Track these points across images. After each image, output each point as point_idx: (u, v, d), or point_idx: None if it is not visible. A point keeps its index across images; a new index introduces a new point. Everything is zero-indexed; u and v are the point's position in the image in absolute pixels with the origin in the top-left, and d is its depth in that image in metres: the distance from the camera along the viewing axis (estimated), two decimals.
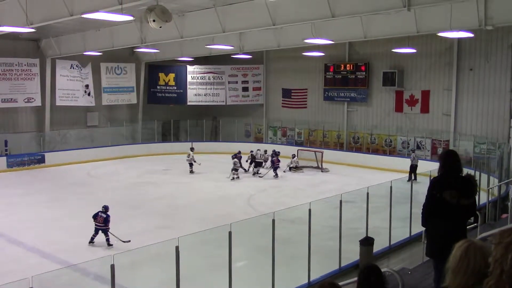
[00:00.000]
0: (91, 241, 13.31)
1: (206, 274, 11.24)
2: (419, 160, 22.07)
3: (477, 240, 2.60)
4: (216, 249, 11.07)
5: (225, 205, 17.89)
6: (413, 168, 21.43)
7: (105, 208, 13.43)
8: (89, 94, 28.29)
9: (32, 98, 26.20)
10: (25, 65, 25.79)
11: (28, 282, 6.49)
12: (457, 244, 2.57)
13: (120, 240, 13.14)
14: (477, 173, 15.64)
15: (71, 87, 27.50)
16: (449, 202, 5.31)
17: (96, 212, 13.48)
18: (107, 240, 13.21)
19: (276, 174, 23.03)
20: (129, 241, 13.07)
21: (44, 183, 21.97)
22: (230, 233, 8.84)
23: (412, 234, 13.17)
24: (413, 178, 20.09)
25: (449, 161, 5.50)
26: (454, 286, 2.48)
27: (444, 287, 2.58)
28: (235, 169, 22.46)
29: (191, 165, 23.99)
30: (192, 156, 24.00)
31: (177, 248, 8.08)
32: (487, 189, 13.90)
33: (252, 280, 10.83)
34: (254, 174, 23.68)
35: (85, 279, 10.77)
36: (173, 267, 8.16)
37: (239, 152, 24.16)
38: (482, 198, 14.16)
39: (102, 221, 13.20)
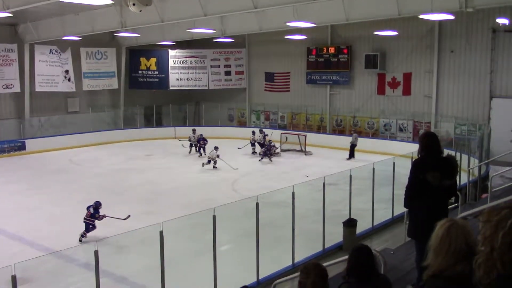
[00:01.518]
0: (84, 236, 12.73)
1: (191, 258, 11.27)
2: (358, 139, 24.08)
3: (459, 219, 2.63)
4: (201, 233, 11.10)
5: (209, 190, 17.89)
6: (352, 147, 23.46)
7: (96, 205, 12.97)
8: (69, 80, 27.87)
9: (11, 84, 25.74)
10: (2, 50, 25.24)
11: (11, 269, 6.44)
12: (439, 223, 2.58)
13: (119, 218, 12.82)
14: (458, 154, 15.86)
15: (51, 72, 27.05)
16: (431, 183, 5.37)
17: (90, 205, 13.08)
18: (82, 234, 12.63)
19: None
20: (129, 216, 13.00)
21: (25, 171, 21.71)
22: (214, 217, 8.85)
23: (394, 215, 13.34)
24: (348, 156, 23.29)
25: (429, 142, 5.54)
26: (435, 265, 2.51)
27: (425, 266, 2.61)
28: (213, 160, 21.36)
29: (195, 145, 24.68)
30: (194, 137, 24.78)
31: (161, 233, 8.08)
32: (467, 170, 14.10)
33: (236, 263, 10.89)
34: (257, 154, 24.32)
35: (69, 265, 10.74)
36: (158, 252, 8.17)
37: (194, 131, 25.07)
38: (463, 178, 14.38)
39: (89, 215, 12.82)
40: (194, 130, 25.25)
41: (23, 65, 26.01)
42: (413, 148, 9.62)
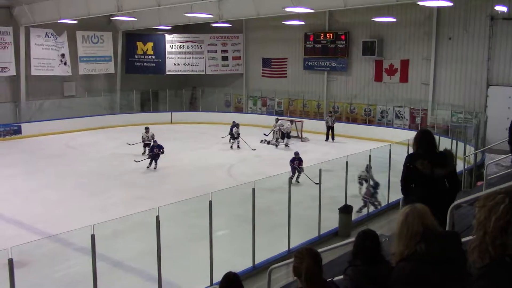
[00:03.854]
0: None
1: (187, 244, 11.31)
2: (335, 122, 24.82)
3: (418, 204, 2.78)
4: (197, 218, 11.12)
5: (205, 175, 17.89)
6: (330, 129, 24.47)
7: None
8: (65, 64, 27.71)
9: (6, 68, 25.58)
10: None
11: (7, 253, 6.45)
12: (400, 211, 2.82)
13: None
14: (454, 142, 15.92)
15: (47, 56, 26.88)
16: (423, 172, 5.36)
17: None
18: None
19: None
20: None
21: (21, 155, 21.66)
22: (210, 202, 8.88)
23: (390, 201, 13.41)
24: (330, 138, 24.22)
25: (423, 139, 5.52)
26: (399, 249, 2.62)
27: (392, 254, 2.74)
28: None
29: (147, 145, 20.56)
30: (147, 137, 21.19)
31: (157, 218, 8.11)
32: (463, 157, 14.16)
33: (232, 249, 10.95)
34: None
35: (65, 249, 10.77)
36: (154, 237, 8.20)
37: (147, 129, 21.50)
38: (459, 166, 14.42)
39: (369, 194, 12.88)
40: (147, 129, 21.53)
41: (18, 48, 25.83)
42: (410, 135, 9.64)
